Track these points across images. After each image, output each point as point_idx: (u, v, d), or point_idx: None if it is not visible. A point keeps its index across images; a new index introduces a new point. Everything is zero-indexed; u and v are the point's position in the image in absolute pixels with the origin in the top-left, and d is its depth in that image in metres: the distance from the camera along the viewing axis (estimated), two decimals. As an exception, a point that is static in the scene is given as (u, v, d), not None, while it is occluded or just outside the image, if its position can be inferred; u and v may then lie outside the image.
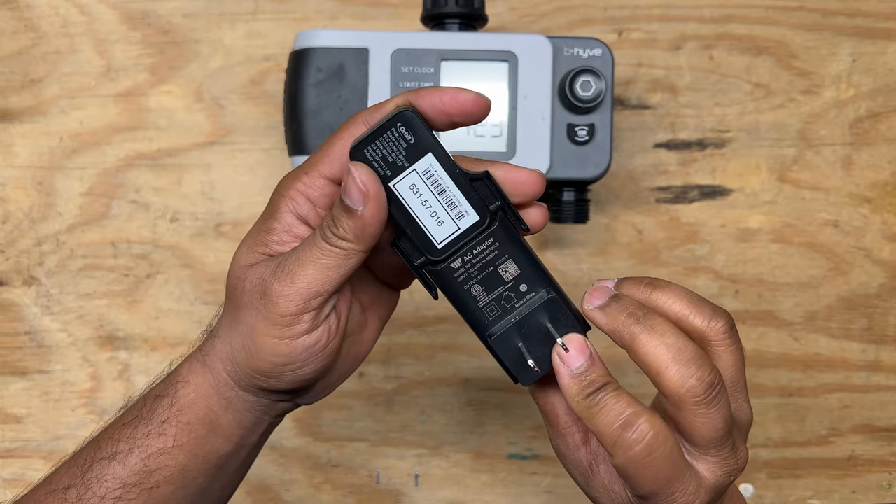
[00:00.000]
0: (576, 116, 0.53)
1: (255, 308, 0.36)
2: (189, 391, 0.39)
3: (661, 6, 0.63)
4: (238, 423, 0.40)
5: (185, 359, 0.41)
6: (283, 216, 0.37)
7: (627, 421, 0.34)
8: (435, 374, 0.63)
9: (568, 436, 0.39)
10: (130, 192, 0.62)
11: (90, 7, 0.62)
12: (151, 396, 0.40)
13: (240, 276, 0.37)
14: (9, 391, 0.63)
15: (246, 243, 0.38)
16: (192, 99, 0.62)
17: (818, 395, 0.64)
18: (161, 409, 0.39)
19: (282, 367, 0.37)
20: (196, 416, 0.39)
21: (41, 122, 0.62)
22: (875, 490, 0.64)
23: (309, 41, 0.53)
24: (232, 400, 0.39)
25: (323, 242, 0.35)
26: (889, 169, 0.64)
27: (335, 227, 0.35)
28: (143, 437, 0.39)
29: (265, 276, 0.36)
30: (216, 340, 0.39)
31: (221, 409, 0.39)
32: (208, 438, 0.40)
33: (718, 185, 0.63)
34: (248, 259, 0.38)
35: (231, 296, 0.38)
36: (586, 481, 0.39)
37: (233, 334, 0.38)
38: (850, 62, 0.63)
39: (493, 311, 0.37)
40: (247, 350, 0.37)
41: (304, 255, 0.35)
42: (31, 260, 0.62)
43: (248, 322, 0.37)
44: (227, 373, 0.39)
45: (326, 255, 0.35)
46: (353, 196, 0.34)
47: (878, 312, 0.64)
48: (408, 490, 0.64)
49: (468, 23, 0.55)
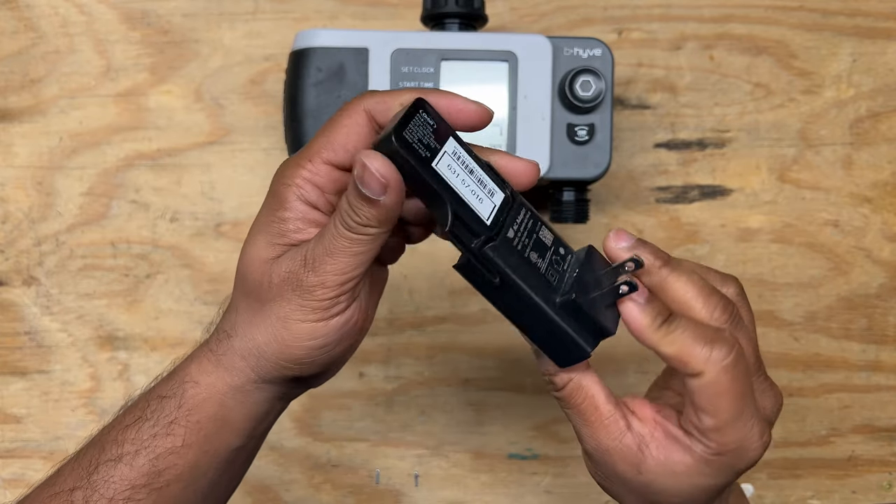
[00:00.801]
0: (576, 116, 0.53)
1: (288, 299, 0.37)
2: (199, 391, 0.39)
3: (661, 6, 0.63)
4: (250, 416, 0.40)
5: (192, 359, 0.41)
6: (294, 205, 0.37)
7: (713, 337, 0.35)
8: (435, 374, 0.63)
9: (612, 424, 0.37)
10: (130, 192, 0.62)
11: (90, 7, 0.62)
12: (155, 398, 0.40)
13: (264, 270, 0.38)
14: (9, 391, 0.63)
15: (261, 237, 0.38)
16: (192, 99, 0.62)
17: (818, 395, 0.64)
18: (168, 409, 0.39)
19: (318, 351, 0.38)
20: (207, 414, 0.39)
21: (41, 122, 0.62)
22: (875, 490, 0.64)
23: (309, 41, 0.53)
24: (250, 393, 0.40)
25: (348, 232, 0.35)
26: (889, 169, 0.64)
27: (356, 216, 0.35)
28: (150, 439, 0.39)
29: (294, 269, 0.37)
30: (233, 340, 0.39)
31: (236, 404, 0.40)
32: (219, 434, 0.40)
33: (718, 185, 0.63)
34: (268, 253, 0.38)
35: (253, 292, 0.38)
36: (638, 468, 0.37)
37: (256, 330, 0.38)
38: (851, 62, 0.63)
39: (553, 276, 0.37)
40: (279, 340, 0.38)
41: (330, 245, 0.36)
42: (30, 260, 0.62)
43: (278, 314, 0.37)
44: (250, 368, 0.39)
45: (354, 243, 0.36)
46: (374, 188, 0.34)
47: (878, 312, 0.64)
48: (408, 490, 0.64)
49: (468, 23, 0.54)
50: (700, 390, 0.35)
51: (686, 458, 0.36)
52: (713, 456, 0.36)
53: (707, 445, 0.36)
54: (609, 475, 0.38)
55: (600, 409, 0.37)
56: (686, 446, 0.36)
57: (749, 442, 0.36)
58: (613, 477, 0.38)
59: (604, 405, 0.37)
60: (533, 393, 0.63)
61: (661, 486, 0.37)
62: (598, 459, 0.38)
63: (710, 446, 0.36)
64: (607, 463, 0.38)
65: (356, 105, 0.37)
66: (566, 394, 0.38)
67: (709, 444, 0.36)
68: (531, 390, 0.63)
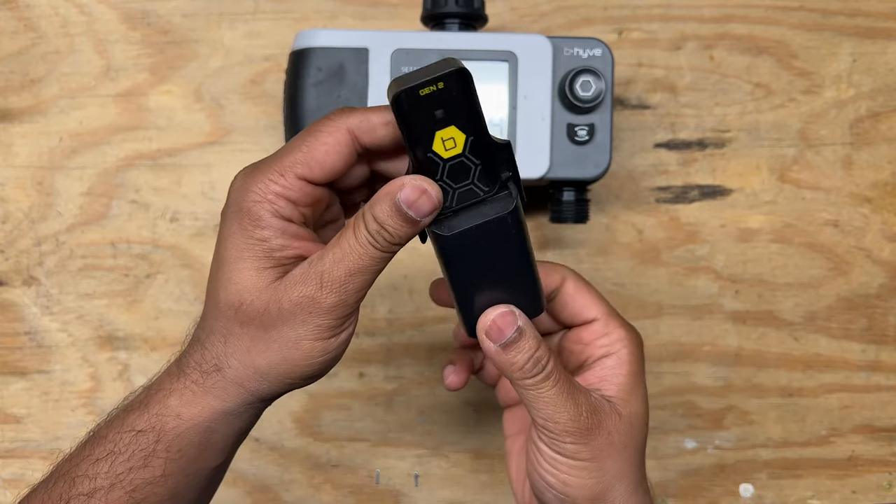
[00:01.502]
0: (576, 116, 0.53)
1: (302, 321, 0.37)
2: (181, 423, 0.38)
3: (661, 6, 0.63)
4: (234, 434, 0.40)
5: (169, 393, 0.39)
6: (271, 222, 0.37)
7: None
8: (435, 374, 0.63)
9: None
10: (130, 192, 0.62)
11: (90, 7, 0.62)
12: (128, 431, 0.39)
13: (268, 298, 0.37)
14: (8, 391, 0.63)
15: (246, 264, 0.37)
16: (192, 99, 0.62)
17: (818, 395, 0.64)
18: (143, 444, 0.38)
19: (329, 364, 0.39)
20: (189, 442, 0.39)
21: (41, 122, 0.62)
22: (875, 490, 0.64)
23: (309, 41, 0.53)
24: (240, 414, 0.39)
25: (376, 251, 0.36)
26: (889, 169, 0.64)
27: (389, 235, 0.36)
28: (125, 472, 0.38)
29: (308, 292, 0.36)
30: (224, 371, 0.38)
31: (222, 426, 0.39)
32: (201, 457, 0.39)
33: (718, 185, 0.63)
34: (262, 279, 0.37)
35: (254, 320, 0.37)
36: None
37: (258, 356, 0.38)
38: (851, 62, 0.63)
39: None
40: (289, 361, 0.38)
41: (356, 265, 0.36)
42: (30, 260, 0.62)
43: (288, 337, 0.37)
44: (248, 392, 0.39)
45: (379, 261, 0.36)
46: (424, 210, 0.35)
47: (878, 312, 0.64)
48: (408, 490, 0.64)
49: (468, 23, 0.54)
50: (572, 293, 0.44)
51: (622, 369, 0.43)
52: (628, 343, 0.44)
53: (617, 340, 0.44)
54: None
55: (572, 379, 0.42)
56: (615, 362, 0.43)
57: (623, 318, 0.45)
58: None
59: (572, 377, 0.42)
60: (533, 393, 0.63)
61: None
62: None
63: (618, 337, 0.44)
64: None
65: (338, 123, 0.36)
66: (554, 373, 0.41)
67: (612, 336, 0.44)
68: (531, 390, 0.63)
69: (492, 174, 0.37)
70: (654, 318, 0.63)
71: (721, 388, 0.64)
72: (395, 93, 0.34)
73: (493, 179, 0.37)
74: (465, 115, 0.35)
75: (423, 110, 0.34)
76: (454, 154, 0.36)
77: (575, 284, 0.44)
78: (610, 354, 0.43)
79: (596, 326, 0.44)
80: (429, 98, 0.34)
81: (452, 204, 0.37)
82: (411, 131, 0.35)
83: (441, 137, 0.35)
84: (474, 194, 0.37)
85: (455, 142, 0.35)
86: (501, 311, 0.39)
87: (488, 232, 0.37)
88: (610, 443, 0.41)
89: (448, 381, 0.48)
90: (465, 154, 0.36)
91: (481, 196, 0.37)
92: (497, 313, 0.39)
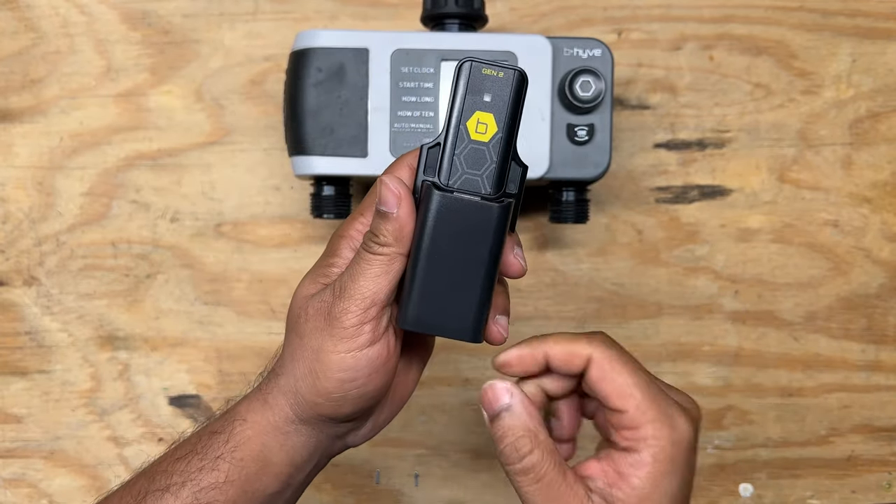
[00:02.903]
0: (575, 116, 0.53)
1: (321, 329, 0.39)
2: (246, 428, 0.41)
3: (661, 6, 0.63)
4: (290, 461, 0.41)
5: (244, 398, 0.42)
6: (343, 251, 0.41)
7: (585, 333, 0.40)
8: (435, 374, 0.63)
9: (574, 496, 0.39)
10: (130, 192, 0.62)
11: (90, 7, 0.62)
12: (207, 433, 0.42)
13: (302, 305, 0.40)
14: (9, 391, 0.63)
15: (308, 278, 0.41)
16: (192, 99, 0.62)
17: (818, 395, 0.64)
18: (216, 444, 0.41)
19: (348, 385, 0.39)
20: (250, 452, 0.41)
21: (41, 122, 0.62)
22: (875, 490, 0.64)
23: (309, 41, 0.53)
24: (289, 435, 0.41)
25: (367, 254, 0.38)
26: (889, 169, 0.64)
27: (376, 237, 0.38)
28: (196, 472, 0.40)
29: (326, 299, 0.39)
30: (279, 378, 0.41)
31: (277, 446, 0.41)
32: (259, 476, 0.41)
33: (718, 185, 0.63)
34: (309, 290, 0.41)
35: (294, 327, 0.41)
36: None
37: (296, 365, 0.40)
38: (850, 62, 0.63)
39: None
40: (313, 373, 0.39)
41: (353, 270, 0.39)
42: (31, 260, 0.63)
43: (313, 346, 0.39)
44: (289, 406, 0.41)
45: (373, 264, 0.38)
46: (389, 201, 0.38)
47: (877, 312, 0.64)
48: (408, 490, 0.64)
49: (468, 23, 0.55)
50: (597, 378, 0.38)
51: (641, 471, 0.37)
52: (654, 444, 0.37)
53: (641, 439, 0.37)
54: None
55: (564, 481, 0.38)
56: (635, 461, 0.37)
57: (671, 406, 0.38)
58: None
59: (567, 478, 0.38)
60: (533, 393, 0.63)
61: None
62: None
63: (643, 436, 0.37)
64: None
65: (402, 165, 0.40)
66: (534, 470, 0.39)
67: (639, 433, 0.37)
68: (531, 390, 0.63)
69: (500, 180, 0.38)
70: (654, 318, 0.63)
71: (721, 388, 0.64)
72: (464, 59, 0.38)
73: (499, 186, 0.38)
74: (506, 112, 0.38)
75: (477, 85, 0.37)
76: (480, 140, 0.38)
77: (601, 367, 0.38)
78: (631, 451, 0.37)
79: (624, 419, 0.38)
80: (487, 79, 0.37)
81: (456, 184, 0.38)
82: (459, 97, 0.37)
83: (478, 119, 0.37)
84: (477, 187, 0.38)
85: (487, 129, 0.38)
86: (498, 384, 0.39)
87: (472, 218, 0.38)
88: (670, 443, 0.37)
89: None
90: (489, 146, 0.38)
91: (482, 193, 0.38)
92: (494, 383, 0.39)
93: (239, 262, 0.62)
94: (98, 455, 0.63)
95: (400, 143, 0.52)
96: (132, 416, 0.63)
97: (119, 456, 0.63)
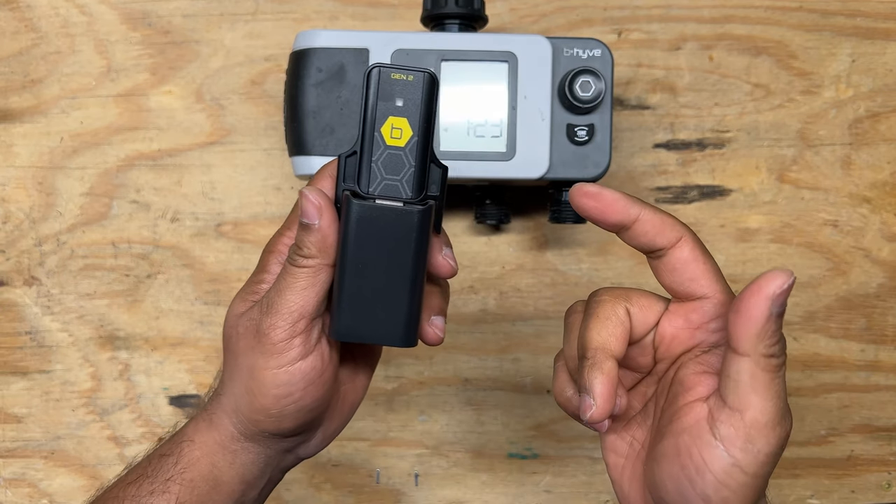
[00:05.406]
0: (575, 117, 0.53)
1: (252, 347, 0.39)
2: (194, 449, 0.41)
3: (661, 6, 0.63)
4: (240, 479, 0.42)
5: (191, 419, 0.42)
6: (272, 267, 0.41)
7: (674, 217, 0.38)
8: (435, 374, 0.63)
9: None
10: (131, 192, 0.63)
11: (90, 7, 0.62)
12: (156, 456, 0.42)
13: (233, 324, 0.40)
14: (9, 391, 0.63)
15: (238, 296, 0.41)
16: (193, 99, 0.62)
17: (817, 394, 0.64)
18: (166, 467, 0.41)
19: (284, 400, 0.39)
20: (199, 473, 0.41)
21: (42, 123, 0.62)
22: (874, 490, 0.64)
23: (309, 41, 0.53)
24: (237, 453, 0.41)
25: (292, 267, 0.38)
26: (888, 169, 0.64)
27: (300, 250, 0.38)
28: (147, 496, 0.40)
29: (254, 316, 0.39)
30: (221, 398, 0.41)
31: (226, 465, 0.41)
32: (210, 496, 0.41)
33: (718, 186, 0.63)
34: (239, 308, 0.41)
35: (228, 347, 0.41)
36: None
37: (234, 384, 0.40)
38: (850, 62, 0.63)
39: None
40: (249, 391, 0.39)
41: (280, 285, 0.39)
42: (31, 260, 0.63)
43: (246, 364, 0.39)
44: (232, 425, 0.41)
45: (298, 277, 0.38)
46: (310, 213, 0.38)
47: (877, 312, 0.64)
48: (408, 490, 0.64)
49: (468, 23, 0.55)
50: (688, 259, 0.36)
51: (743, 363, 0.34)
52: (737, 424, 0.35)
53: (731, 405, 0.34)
54: None
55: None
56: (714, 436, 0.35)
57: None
58: None
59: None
60: (533, 393, 0.63)
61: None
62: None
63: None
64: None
65: (324, 175, 0.40)
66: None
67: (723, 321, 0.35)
68: (531, 390, 0.63)
69: (421, 183, 0.38)
70: (654, 318, 0.63)
71: (720, 388, 0.64)
72: (372, 65, 0.38)
73: (420, 189, 0.38)
74: (420, 116, 0.38)
75: (387, 91, 0.37)
76: (396, 145, 0.38)
77: (694, 250, 0.37)
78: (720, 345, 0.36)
79: (707, 306, 0.37)
80: (397, 84, 0.38)
81: (376, 191, 0.38)
82: (370, 105, 0.38)
83: (392, 124, 0.38)
84: (398, 193, 0.38)
85: (402, 134, 0.38)
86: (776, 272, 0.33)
87: (392, 224, 0.38)
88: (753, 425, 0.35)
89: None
90: (405, 150, 0.38)
91: (403, 197, 0.38)
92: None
93: (239, 262, 0.63)
94: (98, 455, 0.63)
95: (400, 144, 0.52)
96: (132, 415, 0.63)
97: (119, 456, 0.63)
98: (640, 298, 0.38)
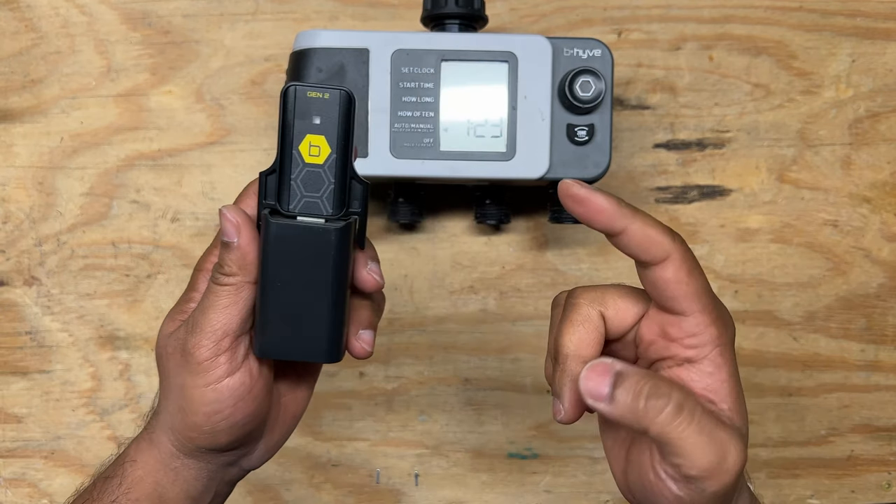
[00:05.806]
0: (575, 117, 0.53)
1: (180, 366, 0.39)
2: (137, 469, 0.41)
3: (661, 6, 0.63)
4: (185, 495, 0.42)
5: (133, 439, 0.43)
6: (200, 285, 0.41)
7: (669, 228, 0.36)
8: (435, 374, 0.63)
9: None
10: (131, 192, 0.63)
11: (91, 7, 0.62)
12: (101, 479, 0.42)
13: (163, 344, 0.41)
14: (9, 391, 0.63)
15: (168, 316, 0.41)
16: (193, 99, 0.62)
17: (817, 394, 0.64)
18: (111, 489, 0.41)
19: (214, 417, 0.39)
20: (144, 492, 0.41)
21: (42, 122, 0.62)
22: (874, 490, 0.64)
23: (309, 41, 0.53)
24: (179, 470, 0.41)
25: (215, 286, 0.38)
26: (888, 169, 0.64)
27: (221, 268, 0.38)
28: None
29: (181, 335, 0.40)
30: (159, 416, 0.42)
31: (169, 483, 0.41)
32: None
33: (718, 186, 0.63)
34: (169, 328, 0.41)
35: (160, 366, 0.41)
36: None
37: (168, 403, 0.41)
38: (850, 62, 0.63)
39: None
40: (181, 410, 0.40)
41: (204, 304, 0.39)
42: (31, 260, 0.63)
43: (177, 383, 0.40)
44: (171, 442, 0.41)
45: (220, 295, 0.38)
46: (229, 231, 0.38)
47: (877, 312, 0.64)
48: (408, 490, 0.64)
49: (468, 23, 0.55)
50: (667, 285, 0.35)
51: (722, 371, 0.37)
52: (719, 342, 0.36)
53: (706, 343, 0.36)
54: None
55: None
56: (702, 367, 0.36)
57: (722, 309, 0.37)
58: None
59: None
60: (532, 393, 0.63)
61: None
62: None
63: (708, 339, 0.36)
64: None
65: (248, 193, 0.40)
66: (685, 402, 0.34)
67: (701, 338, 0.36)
68: (531, 390, 0.63)
69: (342, 200, 0.38)
70: (654, 318, 0.63)
71: (720, 388, 0.64)
72: (288, 85, 0.38)
73: (341, 206, 0.38)
74: (337, 133, 0.38)
75: (304, 109, 0.38)
76: (315, 162, 0.38)
77: (678, 271, 0.35)
78: (700, 359, 0.37)
79: (685, 324, 0.36)
80: (314, 102, 0.38)
81: (297, 209, 0.38)
82: (288, 123, 0.38)
83: (310, 142, 0.38)
84: (318, 209, 0.38)
85: (320, 151, 0.38)
86: (595, 370, 0.33)
87: (310, 242, 0.38)
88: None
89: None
90: (324, 167, 0.38)
91: (323, 214, 0.38)
92: (588, 374, 0.33)
93: (239, 262, 0.63)
94: (98, 455, 0.63)
95: (400, 144, 0.52)
96: (133, 415, 0.63)
97: (119, 456, 0.63)
98: (616, 300, 0.38)
